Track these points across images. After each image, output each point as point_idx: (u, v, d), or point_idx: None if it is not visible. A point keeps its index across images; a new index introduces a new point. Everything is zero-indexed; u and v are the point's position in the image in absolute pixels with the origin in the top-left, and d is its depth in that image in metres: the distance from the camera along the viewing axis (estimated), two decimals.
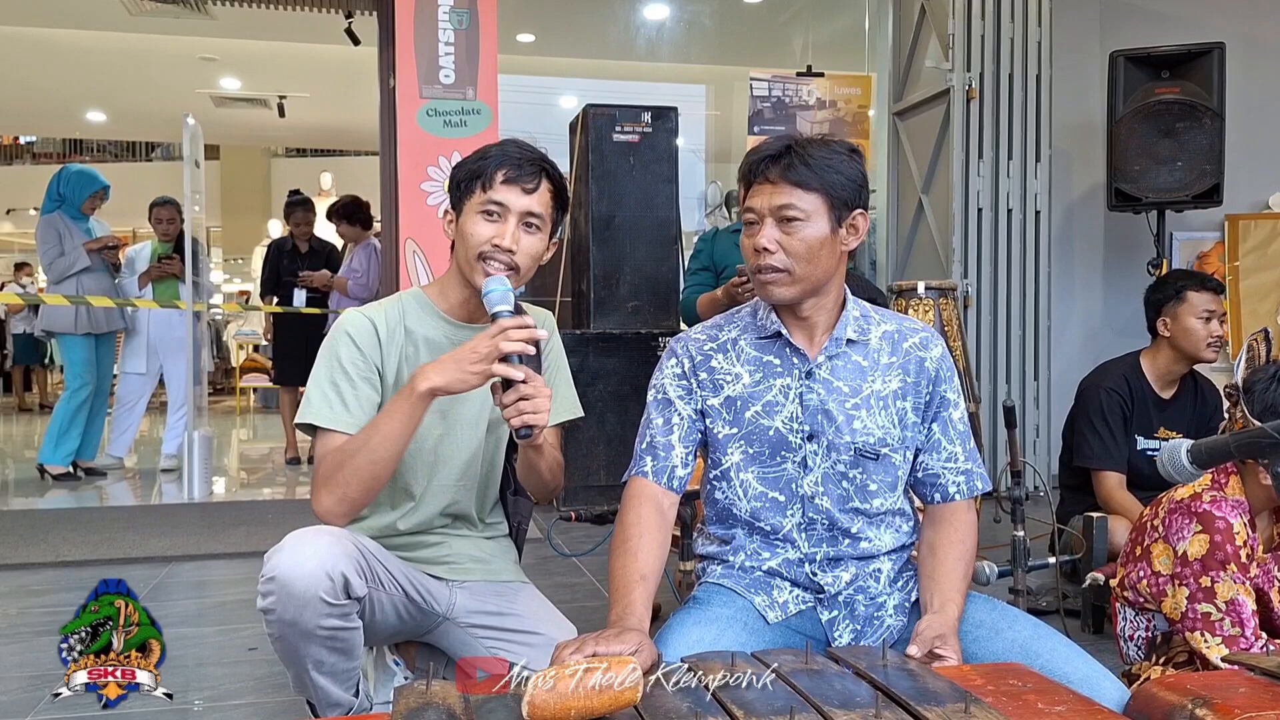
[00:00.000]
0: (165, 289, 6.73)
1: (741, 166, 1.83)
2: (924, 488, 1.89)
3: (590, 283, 5.45)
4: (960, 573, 1.79)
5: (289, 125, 13.09)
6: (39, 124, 15.82)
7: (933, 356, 1.87)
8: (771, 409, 1.82)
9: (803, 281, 1.77)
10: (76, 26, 9.45)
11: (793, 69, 6.82)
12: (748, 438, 1.84)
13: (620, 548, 1.77)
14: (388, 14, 5.36)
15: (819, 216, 1.75)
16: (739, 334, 1.89)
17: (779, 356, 1.84)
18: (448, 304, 2.06)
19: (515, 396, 1.78)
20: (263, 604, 1.78)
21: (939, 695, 1.31)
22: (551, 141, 7.50)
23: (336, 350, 1.98)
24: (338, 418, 1.92)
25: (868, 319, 1.88)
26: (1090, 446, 3.40)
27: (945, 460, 1.87)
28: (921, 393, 1.86)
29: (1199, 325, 3.31)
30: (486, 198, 1.95)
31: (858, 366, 1.84)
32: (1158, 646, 2.35)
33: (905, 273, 6.40)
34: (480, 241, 1.94)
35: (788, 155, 1.75)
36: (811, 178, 1.74)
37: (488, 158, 1.97)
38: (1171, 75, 5.45)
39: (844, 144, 1.81)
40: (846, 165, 1.77)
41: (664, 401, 1.89)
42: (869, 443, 1.81)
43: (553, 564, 4.06)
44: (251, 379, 12.31)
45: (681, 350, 1.91)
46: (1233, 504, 2.18)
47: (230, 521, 5.08)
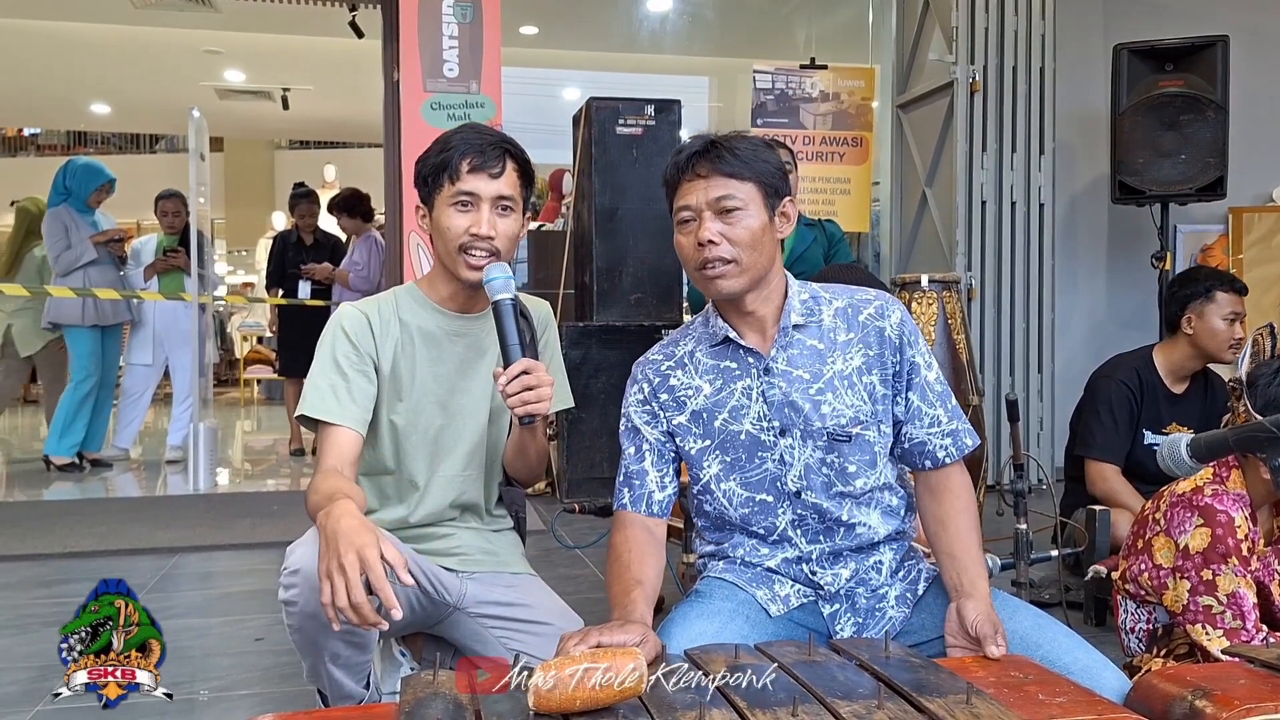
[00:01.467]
0: (171, 281, 6.75)
1: (666, 170, 1.83)
2: (913, 457, 1.86)
3: (593, 275, 5.46)
4: (975, 541, 1.79)
5: (293, 118, 13.11)
6: (43, 116, 15.84)
7: (892, 324, 1.84)
8: (738, 413, 1.82)
9: (750, 270, 1.77)
10: (82, 19, 9.47)
11: (796, 61, 6.81)
12: (721, 446, 1.84)
13: (614, 563, 1.80)
14: (392, 7, 5.37)
15: (755, 205, 1.77)
16: (694, 346, 1.89)
17: (734, 360, 1.84)
18: (439, 296, 2.07)
19: (520, 386, 1.80)
20: (285, 595, 1.79)
21: (941, 686, 1.33)
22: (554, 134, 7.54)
23: (332, 345, 2.00)
24: (331, 410, 1.95)
25: (817, 299, 1.87)
26: (1093, 435, 3.40)
27: (929, 426, 1.83)
28: (887, 364, 1.83)
29: (1224, 326, 3.31)
30: (456, 190, 1.96)
31: (814, 350, 1.82)
32: (1159, 639, 2.36)
33: (908, 265, 6.40)
34: (458, 234, 1.96)
35: (714, 149, 1.77)
36: (743, 168, 1.76)
37: (450, 149, 1.97)
38: (1175, 68, 5.44)
39: (758, 138, 1.85)
40: (770, 155, 1.80)
41: (631, 430, 1.91)
42: (840, 424, 1.79)
43: (556, 556, 4.07)
44: (256, 370, 12.33)
45: (641, 375, 1.92)
46: (1234, 498, 2.19)
47: (236, 513, 5.10)
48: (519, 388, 1.80)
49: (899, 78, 6.56)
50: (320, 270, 7.06)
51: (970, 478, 1.90)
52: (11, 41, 10.15)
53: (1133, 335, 5.64)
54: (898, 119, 6.57)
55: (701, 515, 1.94)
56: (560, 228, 7.02)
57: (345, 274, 7.02)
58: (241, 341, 13.12)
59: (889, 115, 6.67)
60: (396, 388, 2.03)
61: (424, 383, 2.04)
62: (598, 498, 5.09)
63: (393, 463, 2.06)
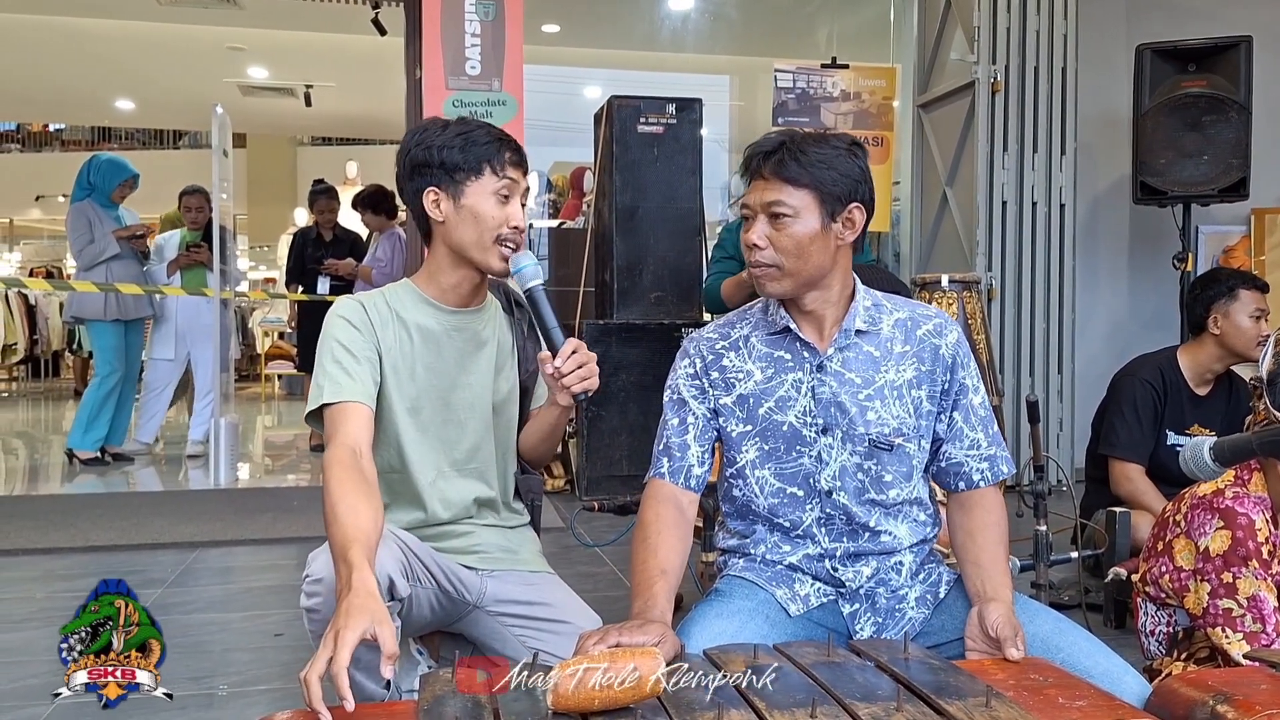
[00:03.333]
0: (193, 276, 6.79)
1: (742, 160, 1.85)
2: (948, 477, 1.88)
3: (613, 273, 5.46)
4: (1002, 555, 1.80)
5: (315, 114, 13.16)
6: (68, 112, 15.96)
7: (948, 343, 1.86)
8: (784, 404, 1.83)
9: (793, 276, 1.78)
10: (107, 16, 9.54)
11: (817, 60, 6.78)
12: (762, 434, 1.84)
13: (641, 545, 1.79)
14: (414, 5, 5.38)
15: (808, 213, 1.76)
16: (750, 331, 1.89)
17: (789, 351, 1.85)
18: (439, 290, 2.05)
19: (575, 364, 1.86)
20: (307, 603, 1.78)
21: (960, 689, 1.32)
22: (576, 132, 7.55)
23: (333, 335, 1.97)
24: (343, 389, 1.89)
25: (879, 308, 1.87)
26: (1116, 434, 3.39)
27: (968, 448, 1.86)
28: (938, 381, 1.84)
29: (1250, 324, 3.29)
30: (502, 180, 1.97)
31: (870, 357, 1.83)
32: (1179, 642, 2.36)
33: (929, 265, 6.38)
34: (499, 224, 1.96)
35: (780, 151, 1.76)
36: (801, 174, 1.75)
37: (485, 142, 1.98)
38: (1198, 68, 5.40)
39: (844, 138, 1.82)
40: (842, 161, 1.77)
41: (678, 402, 1.90)
42: (884, 433, 1.81)
43: (575, 554, 4.08)
44: (276, 366, 12.39)
45: (694, 350, 1.92)
46: (1255, 500, 2.18)
47: (256, 508, 5.13)
48: (574, 365, 1.86)
49: (920, 77, 6.54)
50: (344, 266, 7.08)
51: (1003, 499, 1.90)
52: (37, 37, 10.22)
53: (1154, 336, 5.60)
54: (919, 118, 6.56)
55: (729, 500, 1.93)
56: (581, 225, 7.03)
57: (369, 270, 7.04)
58: (263, 337, 13.18)
59: (910, 115, 6.65)
60: (398, 384, 2.00)
61: (424, 379, 2.02)
62: (617, 496, 5.10)
63: (399, 461, 2.05)
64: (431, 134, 2.00)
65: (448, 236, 2.00)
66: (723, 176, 9.28)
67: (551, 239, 6.96)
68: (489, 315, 2.11)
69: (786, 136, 1.79)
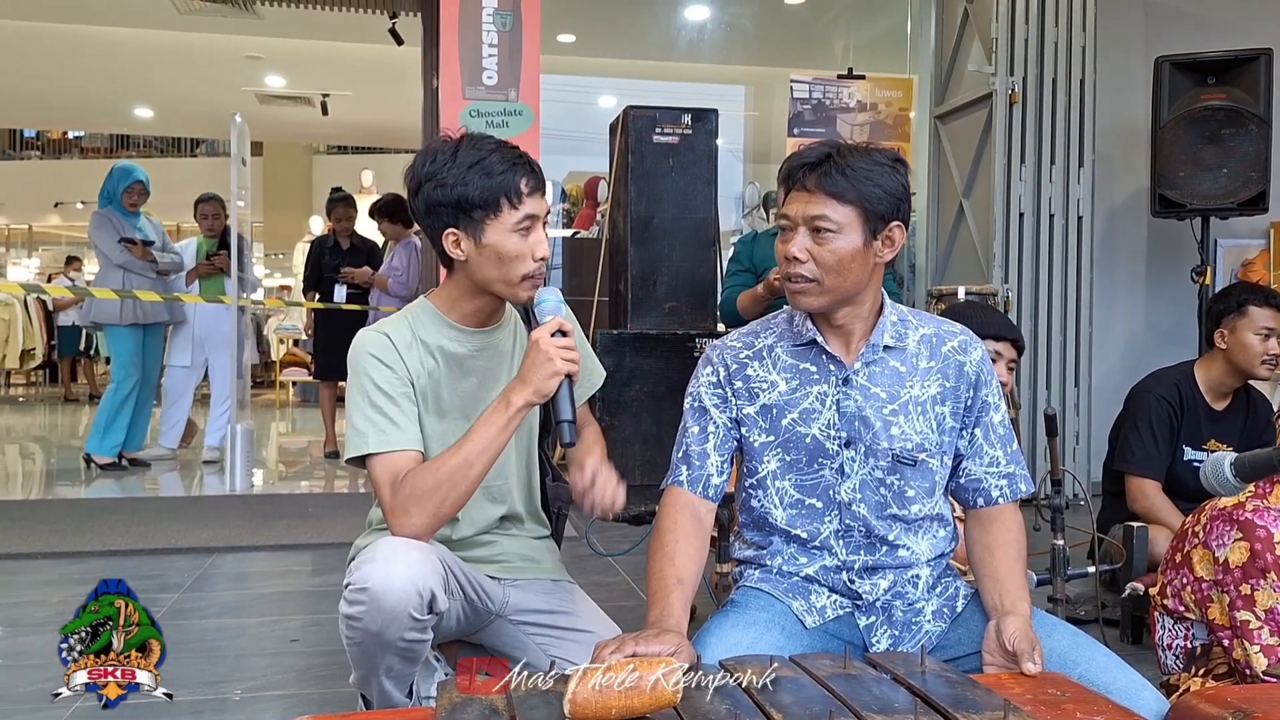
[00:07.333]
0: (211, 284, 6.82)
1: (782, 169, 1.80)
2: (966, 493, 1.88)
3: (628, 283, 5.46)
4: (1021, 570, 1.79)
5: (332, 123, 13.23)
6: (87, 119, 16.06)
7: (972, 360, 1.85)
8: (808, 416, 1.82)
9: (831, 292, 1.76)
10: (126, 24, 9.60)
11: (833, 71, 6.80)
12: (784, 445, 1.83)
13: (657, 553, 1.79)
14: (432, 15, 5.41)
15: (852, 229, 1.73)
16: (775, 341, 1.88)
17: (815, 364, 1.84)
18: (460, 314, 2.02)
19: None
20: (349, 611, 1.78)
21: (977, 703, 1.32)
22: (591, 141, 7.56)
23: (367, 374, 1.92)
24: (392, 439, 1.88)
25: (905, 323, 1.87)
26: (1132, 450, 3.36)
27: (988, 465, 1.86)
28: (961, 398, 1.84)
29: (1256, 341, 3.26)
30: (522, 214, 1.89)
31: (895, 372, 1.83)
32: (1197, 658, 2.34)
33: (945, 277, 6.37)
34: (524, 259, 1.90)
35: (826, 164, 1.73)
36: (848, 189, 1.72)
37: (500, 171, 1.88)
38: (1218, 81, 5.39)
39: (888, 154, 1.78)
40: (887, 177, 1.74)
41: (699, 410, 1.89)
42: (907, 449, 1.80)
43: (588, 563, 4.07)
44: (291, 373, 12.43)
45: (717, 358, 1.90)
46: (1275, 513, 2.17)
47: (271, 514, 5.14)
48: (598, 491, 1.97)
49: (937, 88, 6.54)
50: (360, 274, 7.09)
51: (1022, 516, 1.90)
52: (57, 45, 10.31)
53: (1172, 350, 5.58)
54: (935, 130, 6.55)
55: (746, 511, 1.92)
56: (595, 235, 7.04)
57: (384, 279, 7.06)
58: (278, 344, 13.24)
59: (927, 126, 6.64)
60: (425, 409, 1.99)
61: (452, 402, 2.02)
62: (631, 506, 5.09)
63: None
64: (442, 166, 1.89)
65: (471, 274, 1.95)
66: (737, 186, 9.29)
67: (566, 248, 6.97)
68: (509, 328, 2.10)
69: (832, 148, 1.75)
